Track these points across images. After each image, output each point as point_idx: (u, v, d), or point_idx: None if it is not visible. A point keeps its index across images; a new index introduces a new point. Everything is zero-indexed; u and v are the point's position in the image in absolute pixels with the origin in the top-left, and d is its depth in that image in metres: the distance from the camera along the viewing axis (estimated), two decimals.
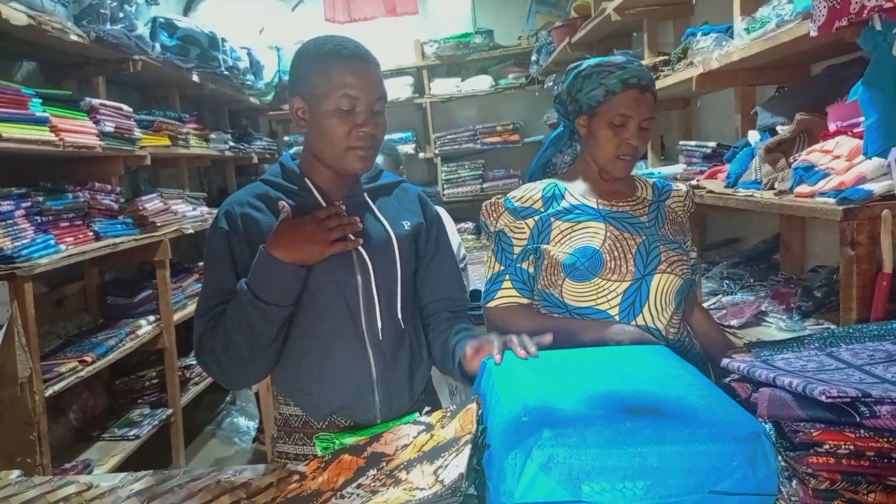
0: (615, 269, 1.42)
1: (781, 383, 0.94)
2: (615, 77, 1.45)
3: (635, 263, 1.43)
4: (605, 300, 1.42)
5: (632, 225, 1.47)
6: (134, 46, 3.09)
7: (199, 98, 4.43)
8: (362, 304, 1.31)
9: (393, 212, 1.39)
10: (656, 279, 1.43)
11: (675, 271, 1.45)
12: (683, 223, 1.58)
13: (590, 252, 1.42)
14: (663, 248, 1.46)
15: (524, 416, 0.87)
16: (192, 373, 3.66)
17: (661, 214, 1.53)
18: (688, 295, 1.55)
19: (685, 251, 1.53)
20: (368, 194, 1.38)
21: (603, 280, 1.42)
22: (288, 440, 1.37)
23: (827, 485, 0.83)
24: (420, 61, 5.55)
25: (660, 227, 1.50)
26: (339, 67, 1.24)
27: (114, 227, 2.91)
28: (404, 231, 1.37)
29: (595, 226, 1.46)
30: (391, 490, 0.91)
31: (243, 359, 1.25)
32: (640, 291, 1.43)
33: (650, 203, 1.54)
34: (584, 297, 1.43)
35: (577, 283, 1.43)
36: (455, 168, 5.61)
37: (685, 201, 1.59)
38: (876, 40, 1.28)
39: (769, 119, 1.99)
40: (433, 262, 1.44)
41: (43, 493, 1.18)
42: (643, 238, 1.46)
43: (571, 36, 3.88)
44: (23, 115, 2.32)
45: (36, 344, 2.27)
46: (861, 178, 1.43)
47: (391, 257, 1.34)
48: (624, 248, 1.44)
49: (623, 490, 0.79)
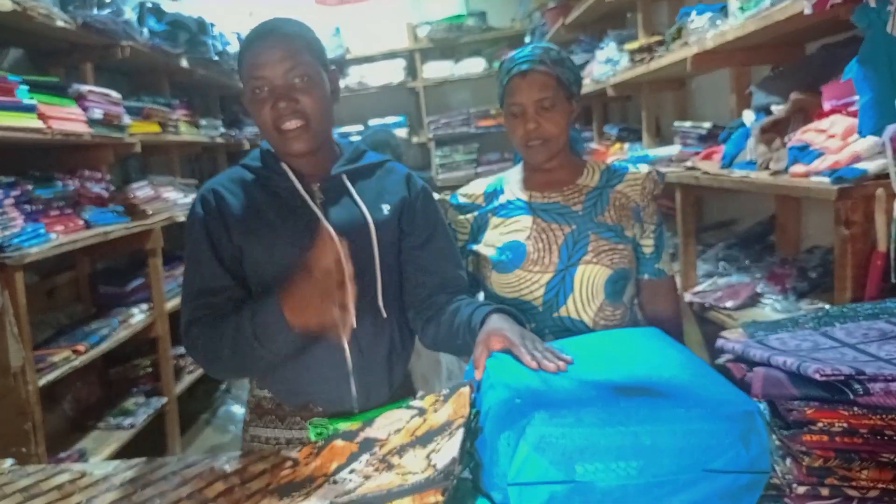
0: (538, 260, 1.43)
1: (776, 363, 0.94)
2: (503, 71, 1.47)
3: (560, 254, 1.43)
4: (529, 291, 1.44)
5: (561, 215, 1.46)
6: (121, 32, 3.05)
7: (188, 84, 4.38)
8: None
9: (373, 194, 1.33)
10: (581, 270, 1.42)
11: (603, 261, 1.42)
12: (640, 207, 1.50)
13: (515, 245, 1.44)
14: (594, 237, 1.44)
15: (517, 398, 0.87)
16: (186, 361, 3.64)
17: (601, 201, 1.48)
18: (642, 282, 1.54)
19: (625, 239, 1.46)
20: (348, 176, 1.33)
21: (525, 272, 1.44)
22: (260, 422, 1.35)
23: (821, 462, 0.84)
24: (412, 44, 5.50)
25: (596, 214, 1.46)
26: (245, 54, 1.23)
27: (104, 216, 2.88)
28: (383, 216, 1.32)
29: (524, 219, 1.48)
30: (384, 475, 0.90)
31: (229, 369, 1.30)
32: (564, 282, 1.43)
33: (591, 190, 1.50)
34: (508, 288, 1.46)
35: (502, 275, 1.46)
36: (449, 152, 5.59)
37: (644, 183, 1.51)
38: (870, 17, 1.27)
39: (764, 99, 1.98)
40: (426, 243, 1.36)
41: (36, 482, 1.17)
42: (572, 228, 1.45)
43: (565, 17, 3.86)
44: (10, 103, 2.28)
45: (28, 334, 2.26)
46: (856, 157, 1.42)
47: (368, 244, 1.29)
48: (549, 240, 1.44)
49: (616, 470, 0.79)
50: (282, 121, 1.21)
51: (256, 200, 1.30)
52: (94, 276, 3.32)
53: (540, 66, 1.42)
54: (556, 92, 1.42)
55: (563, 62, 1.46)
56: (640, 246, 1.53)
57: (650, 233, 1.52)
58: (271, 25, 1.25)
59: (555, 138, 1.44)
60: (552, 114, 1.42)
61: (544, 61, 1.43)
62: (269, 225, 1.28)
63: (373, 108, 5.55)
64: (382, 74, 5.49)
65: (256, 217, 1.28)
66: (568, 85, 1.45)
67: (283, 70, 1.20)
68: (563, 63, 1.46)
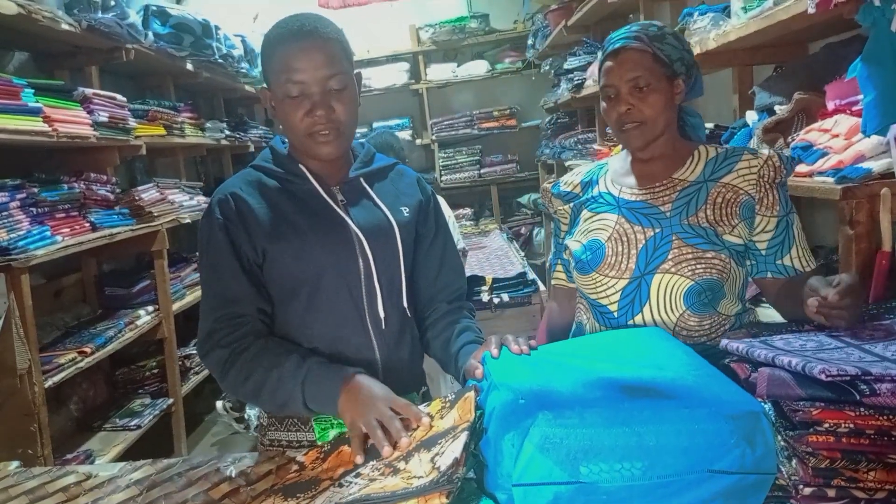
0: (615, 264, 1.34)
1: (780, 363, 0.94)
2: (602, 53, 1.38)
3: (637, 260, 1.32)
4: (605, 296, 1.36)
5: (646, 216, 1.34)
6: (126, 35, 3.07)
7: (193, 87, 4.40)
8: (365, 294, 1.28)
9: (391, 197, 1.35)
10: (657, 278, 1.30)
11: (683, 271, 1.29)
12: (754, 200, 1.31)
13: (596, 245, 1.37)
14: (678, 243, 1.30)
15: (521, 399, 0.86)
16: (192, 362, 3.66)
17: (698, 199, 1.32)
18: (766, 283, 1.34)
19: (718, 245, 1.29)
20: (364, 179, 1.34)
21: (601, 276, 1.35)
22: (280, 426, 1.33)
23: (827, 463, 0.83)
24: (416, 47, 5.51)
25: (687, 215, 1.31)
26: (281, 51, 1.19)
27: (110, 218, 2.89)
28: (404, 217, 1.34)
29: (609, 217, 1.38)
30: (389, 478, 0.90)
31: (244, 397, 1.30)
32: (640, 290, 1.32)
33: (688, 186, 1.34)
34: (587, 289, 1.39)
35: (581, 276, 1.39)
36: (452, 154, 5.59)
37: (761, 171, 1.31)
38: (875, 16, 1.26)
39: (767, 99, 1.97)
40: (432, 247, 1.39)
41: (42, 484, 1.18)
42: (657, 231, 1.32)
43: (567, 19, 3.85)
44: (15, 106, 2.30)
45: (34, 335, 2.27)
46: (860, 157, 1.42)
47: (393, 245, 1.30)
48: (629, 243, 1.34)
49: (621, 470, 0.79)
50: (316, 126, 1.20)
51: (278, 204, 1.27)
52: (100, 277, 3.34)
53: (634, 42, 1.30)
54: (653, 70, 1.30)
55: (662, 38, 1.32)
56: (752, 244, 1.33)
57: (770, 227, 1.32)
58: (310, 26, 1.21)
59: (651, 121, 1.31)
60: (647, 94, 1.30)
61: (640, 38, 1.31)
62: (296, 229, 1.25)
63: (376, 111, 5.56)
64: (386, 77, 5.50)
65: (281, 221, 1.26)
66: (669, 63, 1.31)
67: (322, 76, 1.18)
68: (663, 39, 1.32)
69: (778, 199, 1.32)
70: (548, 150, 4.76)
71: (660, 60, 1.31)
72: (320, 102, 1.19)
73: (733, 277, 1.32)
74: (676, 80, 1.33)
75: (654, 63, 1.31)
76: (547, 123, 4.88)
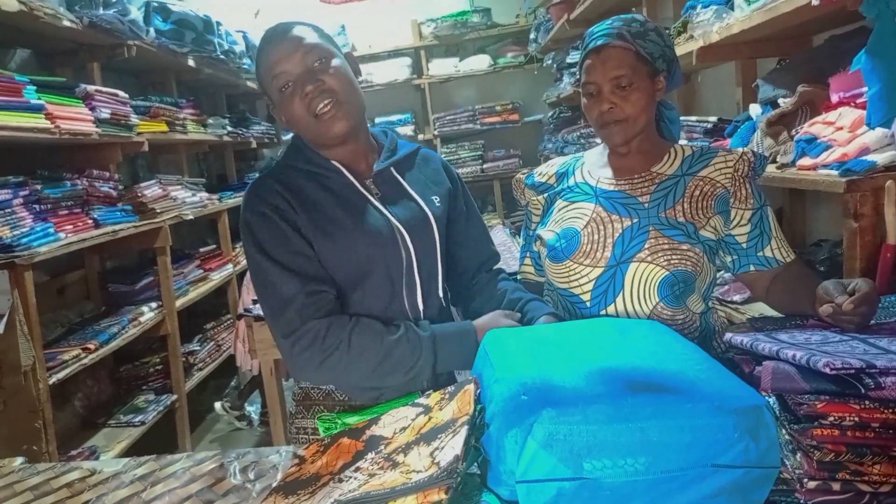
0: (589, 253, 1.33)
1: (785, 356, 0.94)
2: (582, 48, 1.38)
3: (613, 249, 1.32)
4: (578, 285, 1.35)
5: (624, 206, 1.34)
6: (128, 31, 3.06)
7: (195, 83, 4.40)
8: (405, 286, 1.29)
9: (421, 186, 1.36)
10: (633, 267, 1.30)
11: (658, 261, 1.28)
12: (729, 193, 1.32)
13: (571, 233, 1.36)
14: (654, 233, 1.30)
15: (523, 394, 0.86)
16: (195, 358, 3.67)
17: (675, 193, 1.33)
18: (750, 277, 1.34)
19: (693, 239, 1.30)
20: (394, 169, 1.34)
21: (575, 264, 1.34)
22: (307, 414, 1.33)
23: (832, 457, 0.83)
24: (417, 42, 5.49)
25: (665, 208, 1.32)
26: (263, 57, 1.26)
27: (113, 215, 2.90)
28: (437, 208, 1.35)
29: (585, 206, 1.38)
30: (388, 473, 0.90)
31: (350, 378, 1.25)
32: (615, 280, 1.31)
33: (665, 179, 1.35)
34: (559, 278, 1.38)
35: (554, 264, 1.38)
36: (455, 149, 5.58)
37: (736, 165, 1.33)
38: (879, 7, 1.26)
39: (771, 92, 1.96)
40: (468, 226, 1.44)
41: (46, 480, 1.18)
42: (634, 221, 1.32)
43: (570, 13, 3.83)
44: (18, 103, 2.30)
45: (38, 332, 2.27)
46: (864, 149, 1.41)
47: (431, 238, 1.32)
48: (605, 232, 1.33)
49: (624, 466, 0.79)
50: (313, 104, 1.22)
51: (316, 199, 1.26)
52: (103, 274, 3.34)
53: (617, 40, 1.30)
54: (636, 69, 1.29)
55: (645, 35, 1.31)
56: (731, 238, 1.34)
57: (745, 220, 1.33)
58: (283, 27, 1.27)
59: (633, 119, 1.32)
60: (630, 93, 1.30)
61: (622, 35, 1.30)
62: (338, 224, 1.24)
63: (378, 106, 5.54)
64: (388, 72, 5.49)
65: (322, 215, 1.25)
66: (651, 60, 1.31)
67: (298, 58, 1.22)
68: (645, 36, 1.31)
69: (752, 193, 1.33)
70: (550, 145, 4.75)
71: (642, 58, 1.31)
72: (307, 79, 1.22)
73: (704, 273, 1.34)
74: (658, 77, 1.34)
75: (637, 61, 1.30)
76: (549, 118, 4.86)
